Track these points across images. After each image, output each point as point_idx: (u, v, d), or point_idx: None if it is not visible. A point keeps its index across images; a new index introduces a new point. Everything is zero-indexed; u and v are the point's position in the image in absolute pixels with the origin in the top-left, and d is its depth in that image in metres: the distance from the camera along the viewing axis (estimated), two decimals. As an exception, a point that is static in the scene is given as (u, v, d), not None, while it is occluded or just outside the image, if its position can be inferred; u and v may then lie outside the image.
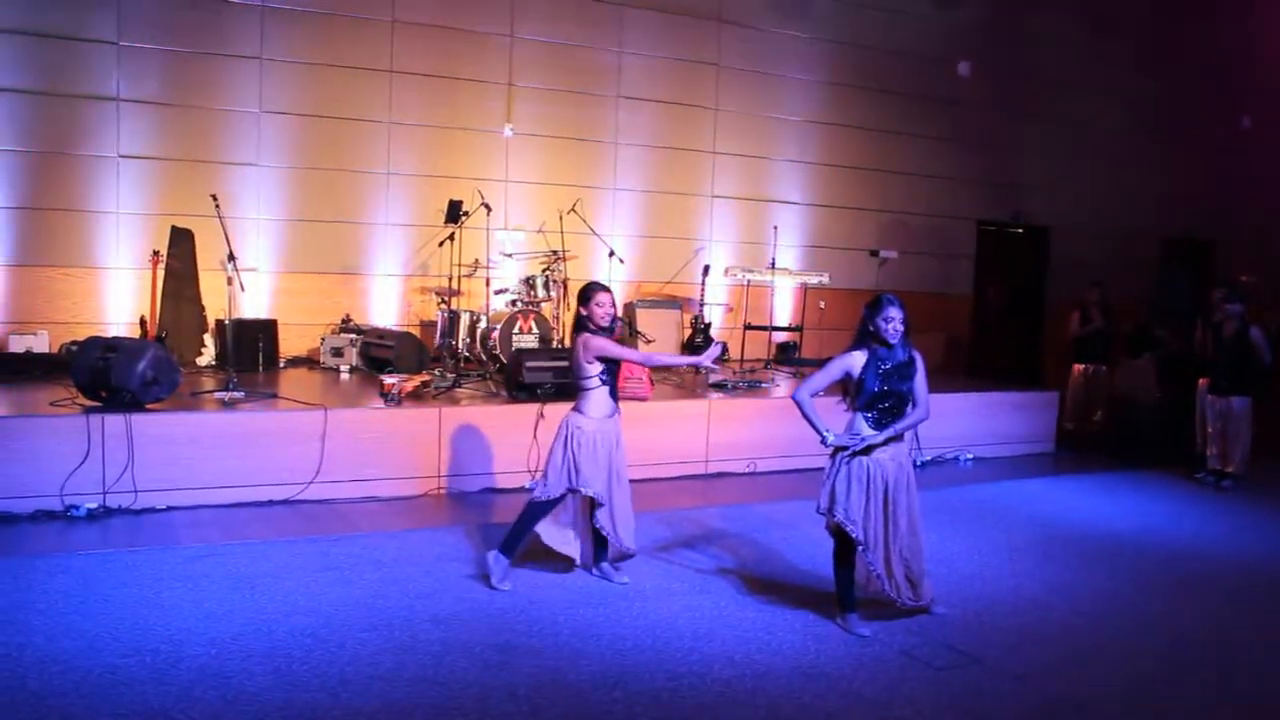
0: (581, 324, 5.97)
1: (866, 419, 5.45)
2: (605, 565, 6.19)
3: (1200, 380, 9.96)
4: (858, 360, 5.44)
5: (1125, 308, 12.43)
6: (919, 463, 9.88)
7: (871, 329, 5.44)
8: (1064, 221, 15.86)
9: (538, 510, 6.00)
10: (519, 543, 6.05)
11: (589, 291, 6.00)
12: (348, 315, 11.03)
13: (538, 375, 8.68)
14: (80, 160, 10.05)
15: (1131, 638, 5.65)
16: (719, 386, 10.25)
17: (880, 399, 5.42)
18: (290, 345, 10.82)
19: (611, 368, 5.96)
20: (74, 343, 9.04)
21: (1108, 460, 10.70)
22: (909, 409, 5.50)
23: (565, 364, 8.71)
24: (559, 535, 6.12)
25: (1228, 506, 8.99)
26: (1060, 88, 15.59)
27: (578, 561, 6.24)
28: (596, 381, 5.91)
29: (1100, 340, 11.98)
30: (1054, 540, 7.54)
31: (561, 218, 11.30)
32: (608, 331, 5.97)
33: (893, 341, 5.40)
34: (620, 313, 12.04)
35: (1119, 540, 7.65)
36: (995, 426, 10.84)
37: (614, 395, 6.02)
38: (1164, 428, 10.91)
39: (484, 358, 10.16)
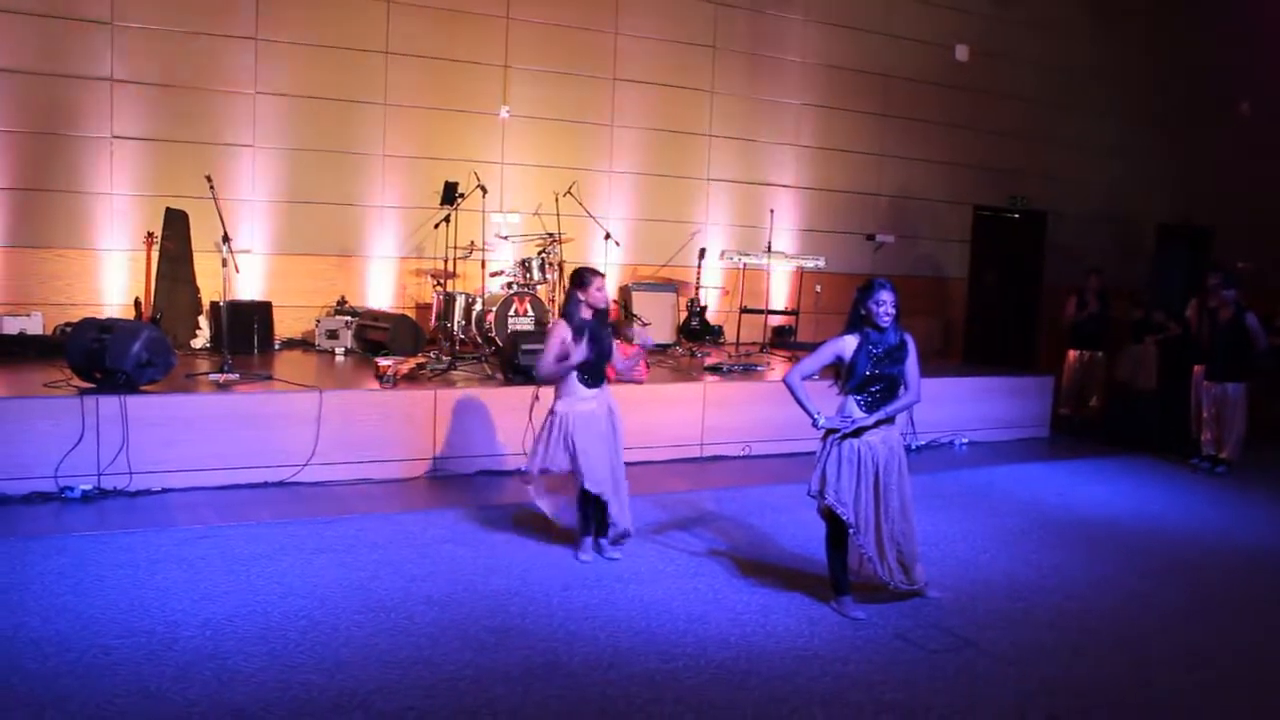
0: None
1: (858, 402, 5.46)
2: (601, 540, 6.27)
3: (1195, 366, 9.98)
4: (849, 344, 5.46)
5: (1122, 294, 12.41)
6: (914, 447, 9.90)
7: (863, 312, 5.45)
8: (1061, 207, 15.85)
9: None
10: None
11: (583, 276, 6.14)
12: (343, 297, 11.00)
13: (533, 358, 8.64)
14: (73, 141, 10.00)
15: (1125, 621, 5.67)
16: (715, 370, 10.25)
17: (871, 382, 5.42)
18: (285, 327, 10.80)
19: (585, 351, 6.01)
20: (68, 324, 9.02)
21: (1102, 446, 10.73)
22: (900, 392, 5.50)
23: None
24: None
25: (1221, 492, 9.01)
26: (1057, 72, 15.56)
27: (548, 515, 6.34)
28: None
29: (1096, 326, 11.97)
30: (1048, 525, 7.56)
31: (557, 200, 11.27)
32: (604, 319, 6.10)
33: (884, 325, 5.42)
34: (615, 296, 12.14)
35: (1113, 525, 7.68)
36: (990, 411, 10.85)
37: (597, 378, 6.13)
38: (1161, 414, 10.92)
39: (479, 340, 10.15)
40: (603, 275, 6.18)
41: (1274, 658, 5.36)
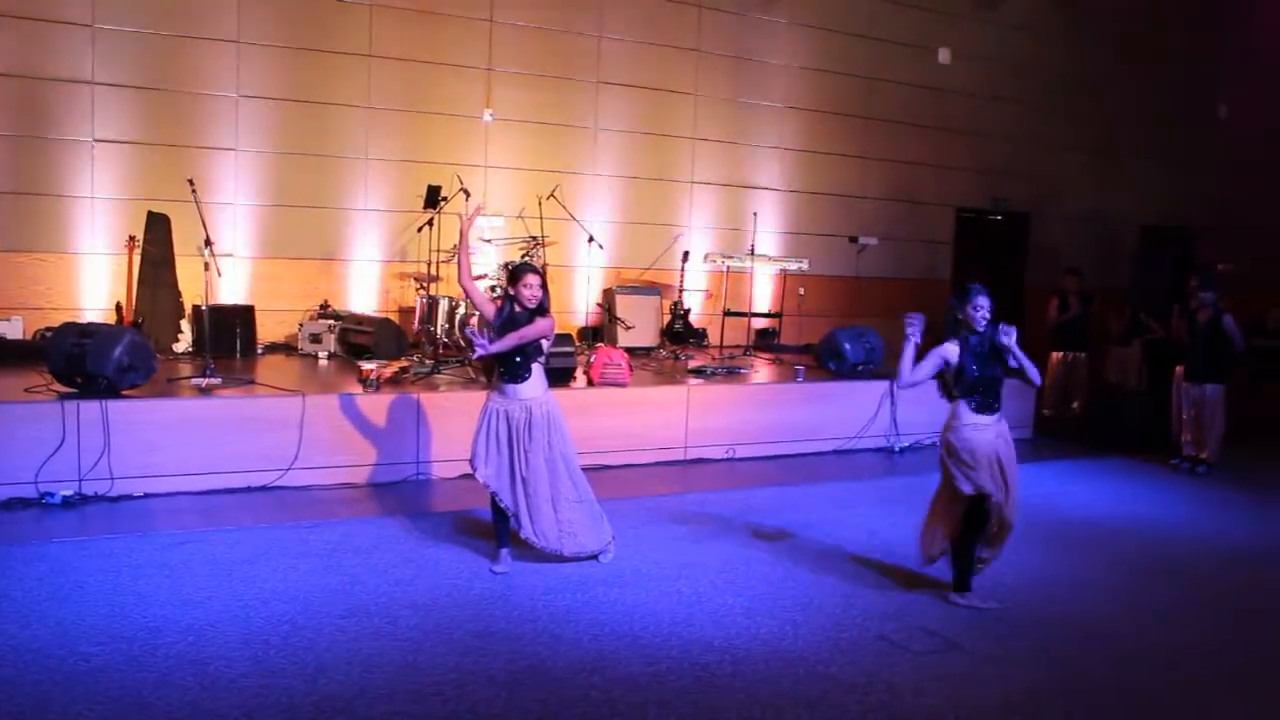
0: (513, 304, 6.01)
1: (969, 405, 5.64)
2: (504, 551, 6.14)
3: (1176, 368, 10.04)
4: (952, 350, 5.65)
5: (1105, 296, 12.47)
6: (898, 449, 9.95)
7: (960, 317, 5.66)
8: (1044, 208, 15.92)
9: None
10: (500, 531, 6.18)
11: (517, 272, 6.04)
12: (326, 301, 10.98)
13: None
14: (54, 144, 9.95)
15: (1108, 622, 5.70)
16: (698, 373, 10.25)
17: (979, 383, 5.61)
18: (268, 331, 10.76)
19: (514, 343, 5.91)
20: (49, 329, 8.96)
21: (1085, 447, 10.76)
22: (1001, 390, 5.71)
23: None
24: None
25: (1202, 492, 9.06)
26: (1039, 75, 15.64)
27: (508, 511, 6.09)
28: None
29: (1078, 328, 12.02)
30: (1031, 526, 7.54)
31: (541, 203, 11.27)
32: (537, 312, 5.93)
33: (980, 328, 5.62)
34: (599, 299, 12.13)
35: (1095, 526, 7.71)
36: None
37: (505, 373, 5.99)
38: (1144, 416, 10.97)
39: (462, 344, 10.13)
40: (538, 273, 6.05)
41: (1255, 657, 5.39)
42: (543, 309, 5.94)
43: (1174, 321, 10.36)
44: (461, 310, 10.28)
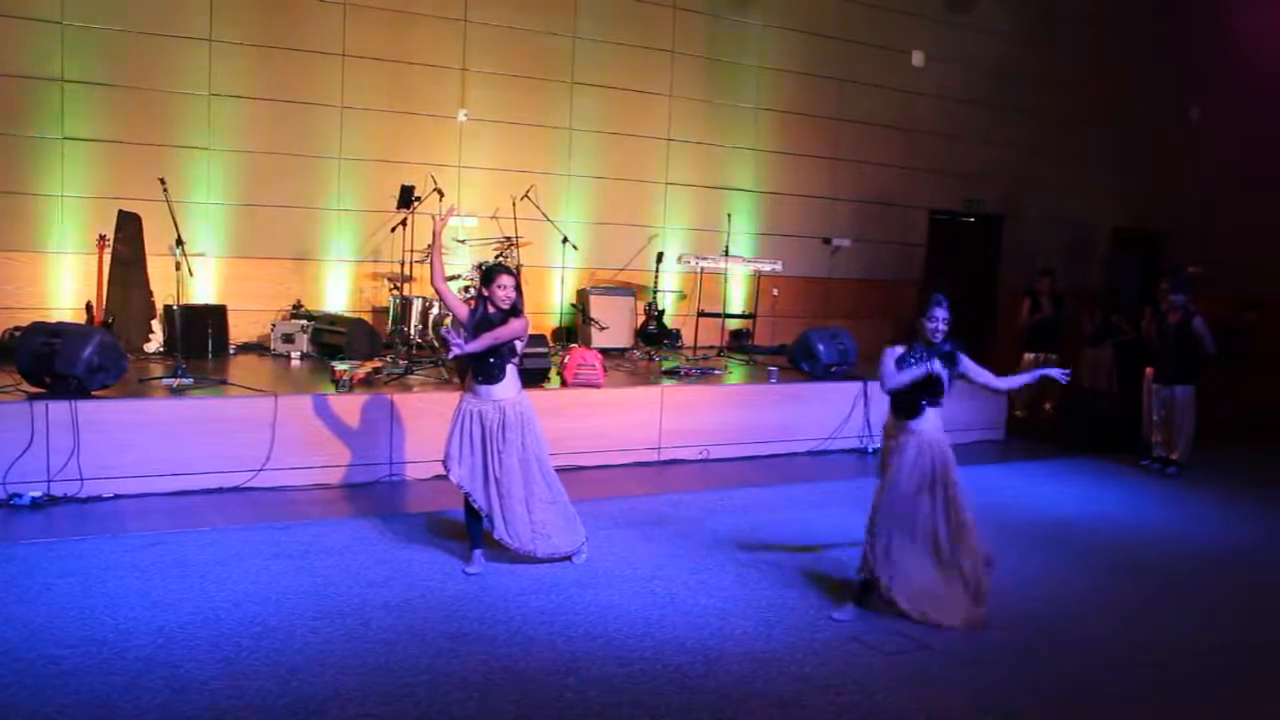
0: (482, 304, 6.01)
1: (894, 404, 5.85)
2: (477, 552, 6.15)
3: (1146, 369, 10.13)
4: (897, 351, 5.73)
5: (1076, 297, 12.56)
6: (870, 450, 9.99)
7: (916, 328, 5.71)
8: (1016, 211, 16.02)
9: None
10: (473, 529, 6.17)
11: (491, 273, 6.04)
12: (299, 301, 10.92)
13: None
14: (23, 142, 9.84)
15: (1080, 622, 5.74)
16: (672, 374, 10.26)
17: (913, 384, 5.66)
18: (240, 331, 10.69)
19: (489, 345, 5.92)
20: (17, 328, 8.87)
21: (1057, 448, 10.84)
22: (942, 395, 5.87)
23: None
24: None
25: (1172, 493, 9.15)
26: (1012, 78, 15.72)
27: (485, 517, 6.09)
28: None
29: (1050, 329, 12.12)
30: (1004, 527, 7.60)
31: (515, 203, 11.25)
32: (511, 313, 5.93)
33: (935, 341, 5.67)
34: (574, 299, 12.12)
35: (1067, 526, 7.77)
36: (945, 414, 10.86)
37: (479, 374, 5.99)
38: (1115, 417, 11.05)
39: (436, 344, 10.10)
40: (512, 274, 6.06)
41: (1226, 656, 5.44)
42: (516, 310, 5.94)
43: (1145, 323, 10.46)
44: (435, 311, 10.25)
